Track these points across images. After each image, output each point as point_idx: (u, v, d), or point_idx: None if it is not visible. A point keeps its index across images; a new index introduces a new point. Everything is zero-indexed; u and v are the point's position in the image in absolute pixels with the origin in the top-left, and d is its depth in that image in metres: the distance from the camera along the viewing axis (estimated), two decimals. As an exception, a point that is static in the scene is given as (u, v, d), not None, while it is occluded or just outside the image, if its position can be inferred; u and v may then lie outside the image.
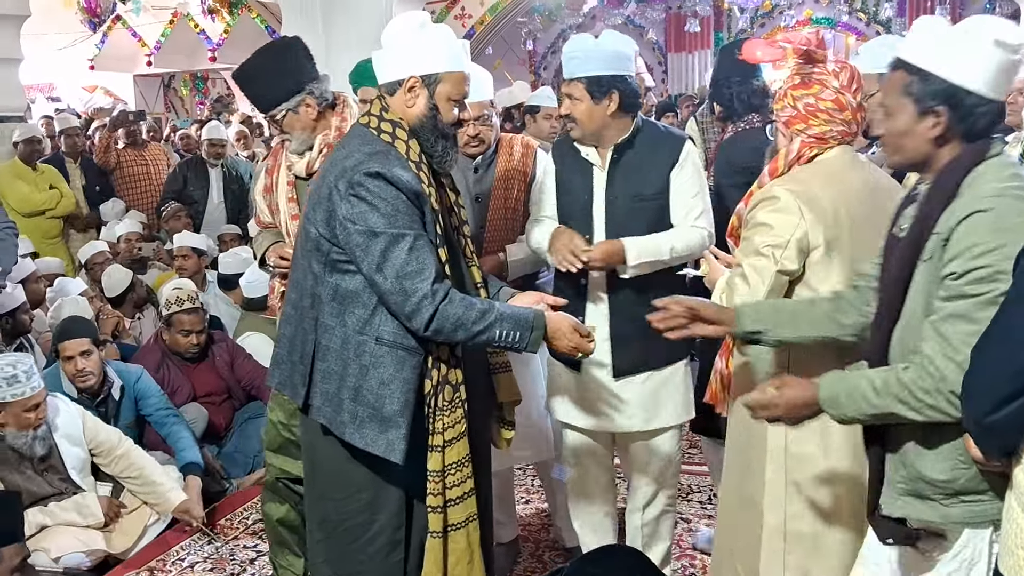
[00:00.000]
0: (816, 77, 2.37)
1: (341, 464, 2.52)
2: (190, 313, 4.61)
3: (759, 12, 16.13)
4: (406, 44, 2.46)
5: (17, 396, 3.57)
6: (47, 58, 12.61)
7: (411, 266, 2.32)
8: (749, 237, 2.37)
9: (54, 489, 3.81)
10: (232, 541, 4.05)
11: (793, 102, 2.39)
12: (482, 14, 11.17)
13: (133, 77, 14.51)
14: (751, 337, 2.27)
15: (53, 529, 3.71)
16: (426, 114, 2.47)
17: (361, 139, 2.45)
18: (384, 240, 2.32)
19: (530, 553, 3.79)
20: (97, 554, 3.78)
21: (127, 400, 4.29)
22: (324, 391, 2.45)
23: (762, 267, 2.33)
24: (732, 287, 2.39)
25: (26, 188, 6.75)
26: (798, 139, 2.40)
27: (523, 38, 15.88)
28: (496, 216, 3.36)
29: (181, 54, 13.46)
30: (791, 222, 2.29)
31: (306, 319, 2.48)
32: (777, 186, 2.35)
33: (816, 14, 15.76)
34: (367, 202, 2.33)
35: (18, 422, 3.62)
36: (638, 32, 15.98)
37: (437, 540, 2.50)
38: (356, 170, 2.35)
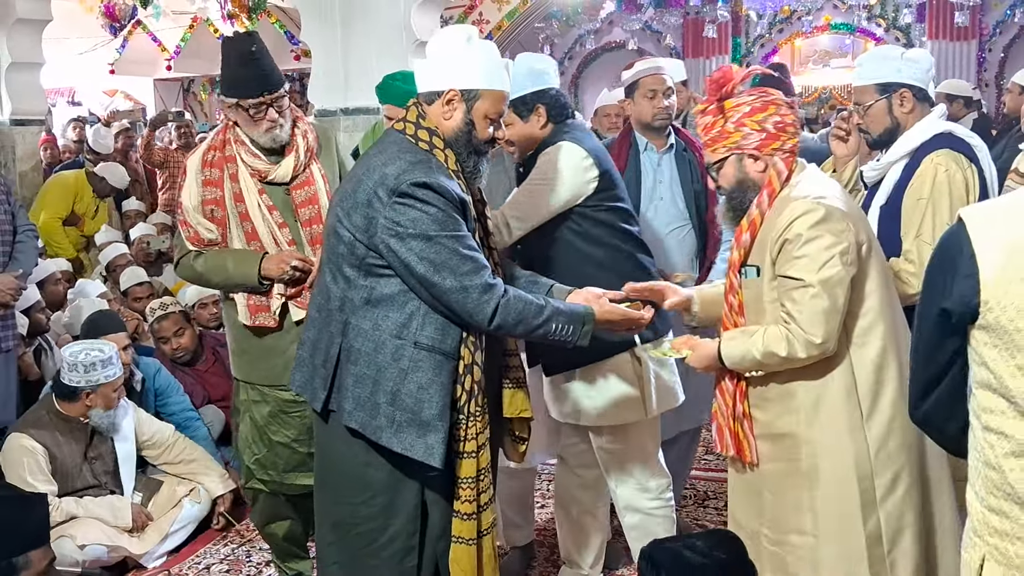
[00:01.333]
0: (765, 99, 2.44)
1: (360, 468, 2.52)
2: (162, 320, 4.70)
3: (777, 18, 16.07)
4: (450, 56, 2.49)
5: (110, 377, 3.82)
6: (68, 62, 12.69)
7: (468, 265, 2.37)
8: (803, 255, 2.31)
9: (95, 481, 3.92)
10: (248, 544, 4.07)
11: (759, 126, 2.42)
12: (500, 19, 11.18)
13: (153, 81, 14.59)
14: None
15: (82, 519, 3.79)
16: (462, 128, 2.50)
17: (399, 146, 2.47)
18: (439, 243, 2.36)
19: (545, 558, 3.79)
20: (119, 551, 3.83)
21: (147, 393, 4.37)
22: (356, 395, 2.44)
23: (835, 279, 2.30)
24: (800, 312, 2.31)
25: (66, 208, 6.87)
26: (776, 158, 2.43)
27: (540, 43, 15.87)
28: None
29: (201, 58, 13.51)
30: (840, 228, 2.32)
31: (333, 322, 2.48)
32: (801, 201, 2.35)
33: (834, 20, 15.68)
34: (416, 209, 2.36)
35: (106, 402, 3.85)
36: (655, 37, 15.96)
37: (469, 547, 2.50)
38: (400, 179, 2.37)
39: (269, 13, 12.16)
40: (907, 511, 2.41)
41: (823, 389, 2.40)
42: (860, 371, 2.38)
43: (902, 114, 2.90)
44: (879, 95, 2.90)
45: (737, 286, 2.49)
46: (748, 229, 2.44)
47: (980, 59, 14.41)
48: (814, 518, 2.42)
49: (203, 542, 4.11)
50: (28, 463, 3.72)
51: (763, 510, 2.53)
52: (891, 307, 2.44)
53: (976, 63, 14.27)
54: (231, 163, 3.13)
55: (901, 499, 2.40)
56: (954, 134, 2.86)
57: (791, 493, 2.46)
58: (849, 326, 2.38)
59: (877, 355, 2.39)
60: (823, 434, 2.40)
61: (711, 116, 2.47)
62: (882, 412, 2.39)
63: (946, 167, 2.77)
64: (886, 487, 2.39)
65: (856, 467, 2.38)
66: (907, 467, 2.41)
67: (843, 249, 2.31)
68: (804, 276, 2.32)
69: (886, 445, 2.39)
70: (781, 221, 2.35)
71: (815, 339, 2.31)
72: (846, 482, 2.39)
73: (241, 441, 3.32)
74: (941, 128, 2.86)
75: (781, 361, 2.36)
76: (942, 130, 2.85)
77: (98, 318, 4.46)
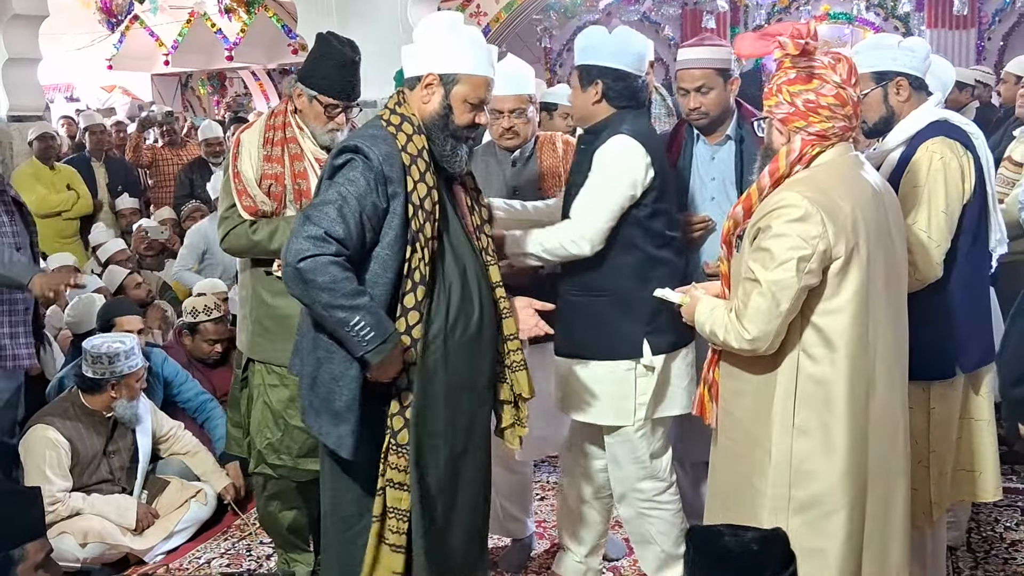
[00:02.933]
0: (815, 71, 2.28)
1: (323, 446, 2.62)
2: (217, 323, 4.69)
3: (776, 7, 16.03)
4: (431, 42, 2.54)
5: (133, 368, 3.89)
6: (65, 58, 12.68)
7: (325, 213, 2.38)
8: (766, 249, 2.25)
9: (110, 476, 3.95)
10: (248, 538, 4.08)
11: (790, 98, 2.29)
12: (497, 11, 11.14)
13: (151, 76, 14.58)
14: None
15: (84, 516, 3.80)
16: (439, 112, 2.53)
17: (366, 127, 2.57)
18: (325, 190, 2.46)
19: (544, 550, 3.79)
20: (121, 548, 3.84)
21: (156, 383, 4.40)
22: (295, 364, 2.62)
23: (784, 283, 2.22)
24: (744, 305, 2.28)
25: (43, 189, 6.78)
26: (798, 137, 2.31)
27: (539, 35, 15.85)
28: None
29: (198, 53, 13.51)
30: (812, 232, 2.21)
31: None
32: (792, 192, 2.26)
33: (833, 9, 15.64)
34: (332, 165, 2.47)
35: (130, 392, 3.91)
36: (653, 28, 15.92)
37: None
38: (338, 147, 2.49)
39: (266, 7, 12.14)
40: (821, 536, 2.30)
41: (766, 385, 2.35)
42: (803, 381, 2.30)
43: (898, 103, 2.89)
44: (875, 83, 2.89)
45: (724, 256, 2.48)
46: (743, 202, 2.39)
47: (979, 47, 14.39)
48: (737, 502, 2.44)
49: (203, 538, 4.11)
50: (50, 456, 3.74)
51: (714, 479, 2.59)
52: (863, 331, 2.29)
53: (975, 51, 14.24)
54: (292, 144, 3.20)
55: (814, 522, 2.31)
56: (950, 121, 2.85)
57: (728, 471, 2.50)
58: (804, 333, 2.30)
59: (825, 376, 2.29)
60: (757, 427, 2.37)
61: (779, 70, 2.35)
62: (817, 431, 2.29)
63: (941, 154, 2.76)
64: (800, 503, 2.32)
65: (775, 471, 2.33)
66: (833, 495, 2.30)
67: (804, 255, 2.20)
68: (757, 272, 2.26)
69: (808, 463, 2.30)
70: (768, 206, 2.28)
71: (746, 334, 2.27)
72: (763, 482, 2.36)
73: (253, 426, 3.31)
74: (937, 116, 2.85)
75: (720, 344, 2.38)
76: (938, 118, 2.85)
77: (113, 303, 4.57)
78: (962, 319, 2.84)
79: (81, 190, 7.08)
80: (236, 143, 3.25)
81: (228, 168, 3.23)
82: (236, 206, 3.17)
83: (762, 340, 2.28)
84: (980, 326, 2.93)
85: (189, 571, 3.83)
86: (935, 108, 2.88)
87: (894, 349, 2.40)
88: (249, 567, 3.83)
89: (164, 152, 8.38)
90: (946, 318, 2.82)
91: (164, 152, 8.38)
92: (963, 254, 2.83)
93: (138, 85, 14.65)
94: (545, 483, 4.38)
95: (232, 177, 3.18)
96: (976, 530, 3.76)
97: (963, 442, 2.94)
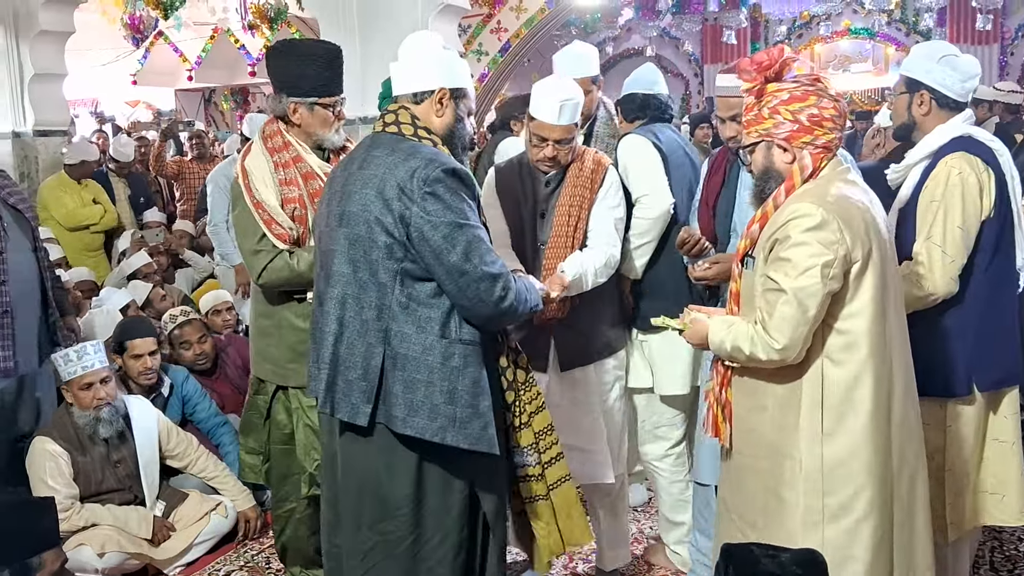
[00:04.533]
0: (808, 88, 2.36)
1: (410, 476, 2.52)
2: (185, 326, 4.73)
3: (796, 23, 16.03)
4: (436, 59, 2.61)
5: (72, 375, 3.80)
6: (91, 73, 12.84)
7: (491, 255, 2.46)
8: (786, 258, 2.27)
9: (119, 485, 3.94)
10: (268, 550, 4.08)
11: (792, 116, 2.34)
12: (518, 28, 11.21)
13: (175, 92, 14.73)
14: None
15: (101, 527, 3.80)
16: (453, 126, 2.62)
17: (409, 143, 2.53)
18: (468, 232, 2.43)
19: (563, 565, 3.78)
20: (141, 559, 3.86)
21: (175, 399, 4.43)
22: (408, 401, 2.44)
23: (810, 289, 2.24)
24: (769, 315, 2.28)
25: (71, 203, 6.88)
26: (805, 152, 2.36)
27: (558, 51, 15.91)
28: (557, 234, 3.22)
29: (222, 69, 13.64)
30: (832, 239, 2.25)
31: (370, 332, 2.47)
32: (804, 203, 2.29)
33: (854, 24, 15.63)
34: (445, 198, 2.42)
35: (78, 401, 3.83)
36: (674, 44, 15.96)
37: (544, 503, 2.71)
38: (429, 168, 2.42)
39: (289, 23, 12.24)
40: (855, 544, 2.31)
41: (791, 395, 2.35)
42: (829, 387, 2.32)
43: (919, 115, 2.89)
44: (905, 89, 2.90)
45: (737, 274, 2.47)
46: (759, 220, 2.40)
47: (1002, 62, 14.32)
48: (764, 518, 2.41)
49: (224, 550, 4.12)
50: (49, 467, 3.75)
51: (733, 497, 2.55)
52: (883, 330, 2.33)
53: (998, 67, 14.17)
54: (300, 163, 3.15)
55: (849, 529, 2.31)
56: (974, 137, 2.84)
57: (749, 487, 2.47)
58: (827, 340, 2.32)
59: (851, 377, 2.31)
60: (783, 438, 2.37)
61: (752, 98, 2.42)
62: (844, 435, 2.31)
63: (960, 169, 2.74)
64: (834, 509, 2.32)
65: (805, 481, 2.33)
66: (864, 499, 2.31)
67: (827, 261, 2.24)
68: (781, 280, 2.27)
69: (843, 466, 2.31)
70: (782, 218, 2.30)
71: (775, 344, 2.28)
72: (795, 494, 2.35)
73: (300, 450, 3.26)
74: (961, 131, 2.83)
75: (745, 359, 2.35)
76: (962, 133, 2.83)
77: (129, 323, 4.57)
78: (979, 337, 2.81)
79: (107, 205, 7.17)
80: (243, 174, 3.14)
81: (242, 201, 3.12)
82: (267, 237, 3.07)
83: (791, 348, 2.28)
84: (1001, 345, 2.87)
85: (208, 583, 3.85)
86: (962, 124, 2.85)
87: (905, 350, 2.43)
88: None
89: (191, 165, 8.44)
90: (961, 335, 2.80)
91: (191, 165, 8.44)
92: (981, 271, 2.80)
93: (162, 100, 14.81)
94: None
95: (254, 208, 3.08)
96: (999, 549, 3.71)
97: (986, 464, 2.90)
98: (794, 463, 2.35)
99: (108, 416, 3.85)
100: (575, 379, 3.26)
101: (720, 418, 2.53)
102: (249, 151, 3.22)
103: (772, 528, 2.38)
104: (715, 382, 2.54)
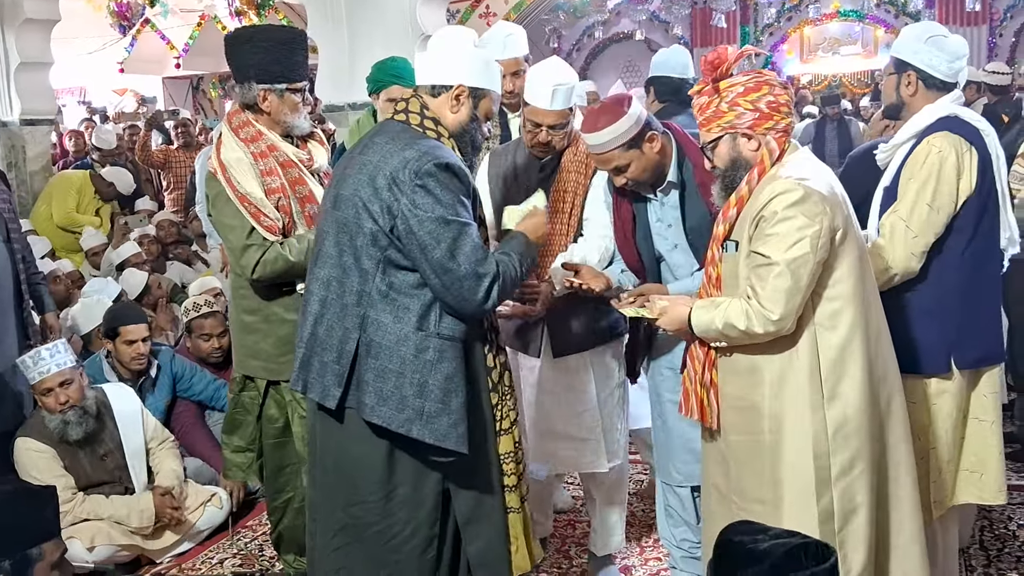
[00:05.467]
0: (759, 79, 2.46)
1: (380, 463, 2.53)
2: (208, 317, 4.64)
3: (786, 6, 16.00)
4: (461, 54, 2.61)
5: (32, 380, 3.75)
6: (77, 62, 12.75)
7: (479, 253, 2.43)
8: (774, 233, 2.34)
9: (109, 477, 3.91)
10: (261, 538, 4.09)
11: (752, 106, 2.44)
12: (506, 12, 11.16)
13: (162, 79, 14.64)
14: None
15: (92, 522, 3.78)
16: (467, 124, 2.59)
17: (409, 134, 2.53)
18: (455, 228, 2.41)
19: (556, 549, 3.80)
20: (133, 550, 3.85)
21: (164, 377, 4.43)
22: (378, 389, 2.44)
23: (802, 259, 2.32)
24: (762, 288, 2.34)
25: (73, 204, 6.94)
26: (769, 137, 2.45)
27: (547, 36, 15.86)
28: (554, 220, 3.17)
29: (209, 56, 13.54)
30: (815, 210, 2.33)
31: (348, 317, 2.48)
32: (782, 181, 2.37)
33: (843, 7, 15.61)
34: (435, 192, 2.41)
35: (44, 404, 3.76)
36: (663, 27, 15.92)
37: (517, 515, 2.66)
38: (423, 160, 2.41)
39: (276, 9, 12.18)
40: (860, 492, 2.43)
41: (787, 366, 2.43)
42: (824, 353, 2.41)
43: (907, 95, 2.92)
44: (893, 70, 2.94)
45: (717, 259, 2.52)
46: (735, 204, 2.47)
47: (991, 44, 14.33)
48: (773, 490, 2.46)
49: (216, 538, 4.12)
50: (40, 462, 3.73)
51: (730, 478, 2.57)
52: (863, 295, 2.45)
53: (987, 48, 14.18)
54: (276, 151, 3.10)
55: (855, 480, 2.43)
56: (959, 117, 2.85)
57: (754, 464, 2.50)
58: (817, 309, 2.41)
59: (842, 340, 2.40)
60: (785, 409, 2.43)
61: (706, 96, 2.50)
62: (843, 396, 2.41)
63: (940, 148, 2.77)
64: (841, 467, 2.42)
65: (813, 444, 2.41)
66: (864, 451, 2.43)
67: (815, 232, 2.32)
68: (771, 254, 2.35)
69: (844, 427, 2.41)
70: (762, 198, 2.38)
71: (772, 316, 2.34)
72: (803, 458, 2.42)
73: (299, 443, 3.21)
74: (948, 111, 2.85)
75: (740, 335, 2.39)
76: (948, 113, 2.85)
77: (121, 309, 4.55)
78: (959, 315, 2.84)
79: (105, 221, 7.21)
80: (222, 168, 3.06)
81: (223, 197, 3.05)
82: (256, 230, 3.01)
83: (786, 319, 2.36)
84: (982, 324, 2.89)
85: (202, 571, 3.85)
86: (949, 104, 2.87)
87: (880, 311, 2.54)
88: (261, 567, 3.85)
89: (178, 154, 8.37)
90: (940, 313, 2.83)
91: (178, 154, 8.37)
92: (960, 251, 2.82)
93: (150, 88, 14.71)
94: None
95: (239, 202, 3.01)
96: (989, 528, 3.74)
97: (966, 442, 2.93)
98: (799, 429, 2.41)
99: (75, 418, 3.74)
100: (568, 366, 3.25)
101: (706, 401, 2.55)
102: (221, 144, 3.13)
103: (784, 499, 2.44)
104: (695, 365, 2.56)
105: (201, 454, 4.43)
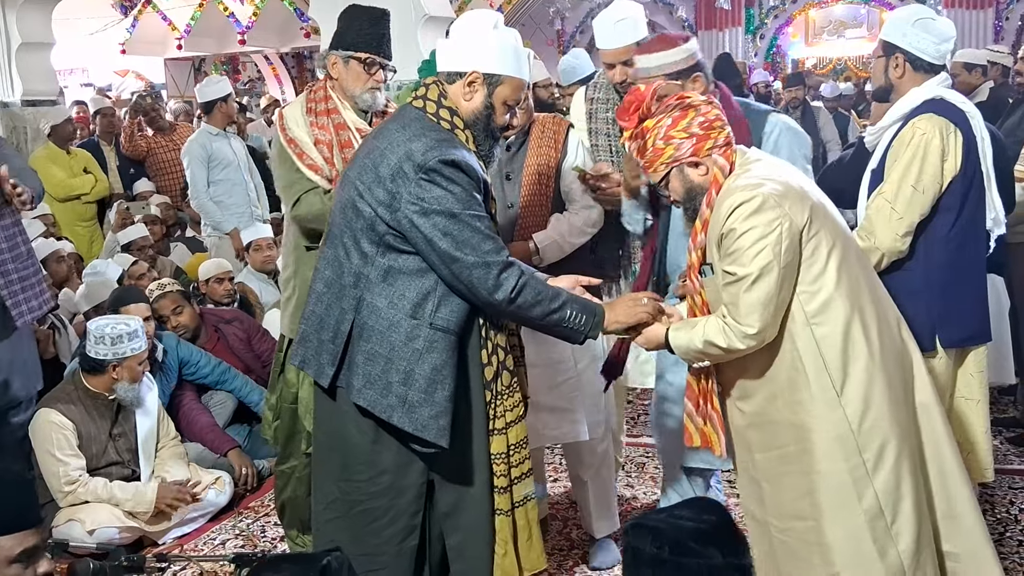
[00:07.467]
0: (683, 105, 2.43)
1: (367, 445, 2.53)
2: (160, 299, 4.72)
3: (790, -12, 15.90)
4: (475, 39, 2.52)
5: (136, 350, 3.87)
6: (79, 43, 12.71)
7: (489, 243, 2.40)
8: (737, 248, 2.33)
9: (119, 458, 3.96)
10: (263, 518, 4.10)
11: (686, 133, 2.41)
12: (510, -7, 11.12)
13: (164, 61, 14.59)
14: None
15: (93, 504, 3.80)
16: (481, 111, 2.53)
17: (421, 123, 2.49)
18: (463, 220, 2.38)
19: (557, 531, 3.80)
20: (134, 531, 3.87)
21: (171, 362, 4.45)
22: (367, 373, 2.45)
23: (767, 268, 2.30)
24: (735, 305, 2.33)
25: (61, 173, 6.81)
26: (714, 155, 2.42)
27: (551, 17, 15.79)
28: (528, 194, 3.32)
29: (211, 37, 13.51)
30: (773, 216, 2.31)
31: (345, 298, 2.48)
32: (738, 192, 2.34)
33: (849, -11, 15.52)
34: (442, 187, 2.38)
35: (132, 375, 3.89)
36: (668, 10, 15.84)
37: (505, 518, 2.59)
38: (428, 155, 2.39)
39: (279, -10, 12.11)
40: (902, 480, 2.39)
41: (794, 372, 2.40)
42: (826, 349, 2.38)
43: (895, 78, 2.94)
44: (882, 53, 2.96)
45: (699, 286, 2.50)
46: (702, 229, 2.45)
47: (997, 27, 14.25)
48: (811, 501, 2.42)
49: (219, 519, 4.14)
50: (57, 439, 3.77)
51: (764, 500, 2.55)
52: (851, 279, 2.41)
53: (993, 31, 14.10)
54: (335, 114, 3.23)
55: (892, 469, 2.39)
56: (945, 100, 2.87)
57: (786, 480, 2.47)
58: (806, 306, 2.38)
59: (840, 330, 2.37)
60: (804, 417, 2.40)
61: (639, 140, 2.48)
62: (855, 386, 2.38)
63: (924, 130, 2.79)
64: (874, 460, 2.38)
65: (841, 445, 2.37)
66: (893, 435, 2.39)
67: (775, 239, 2.30)
68: (737, 271, 2.33)
69: (866, 418, 2.37)
70: (721, 214, 2.37)
71: (749, 330, 2.33)
72: (834, 461, 2.38)
73: (303, 407, 3.32)
74: (934, 94, 2.87)
75: (722, 352, 2.39)
76: (934, 95, 2.87)
77: (122, 291, 4.58)
78: (944, 294, 2.86)
79: (98, 173, 7.10)
80: (280, 118, 3.30)
81: (278, 144, 3.26)
82: (301, 171, 3.18)
83: (766, 330, 2.35)
84: (968, 304, 2.91)
85: (204, 552, 3.86)
86: (936, 86, 2.89)
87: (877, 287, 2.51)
88: (264, 548, 3.86)
89: (156, 140, 7.74)
90: (926, 292, 2.84)
91: (156, 140, 7.74)
92: (945, 231, 2.85)
93: (151, 69, 14.67)
94: (558, 465, 4.38)
95: (287, 144, 3.21)
96: (991, 512, 3.74)
97: (953, 422, 2.93)
98: (822, 433, 2.39)
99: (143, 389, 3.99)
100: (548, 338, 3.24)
101: (708, 430, 2.54)
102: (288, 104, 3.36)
103: (823, 507, 2.40)
104: (691, 399, 2.55)
105: (202, 439, 4.43)
